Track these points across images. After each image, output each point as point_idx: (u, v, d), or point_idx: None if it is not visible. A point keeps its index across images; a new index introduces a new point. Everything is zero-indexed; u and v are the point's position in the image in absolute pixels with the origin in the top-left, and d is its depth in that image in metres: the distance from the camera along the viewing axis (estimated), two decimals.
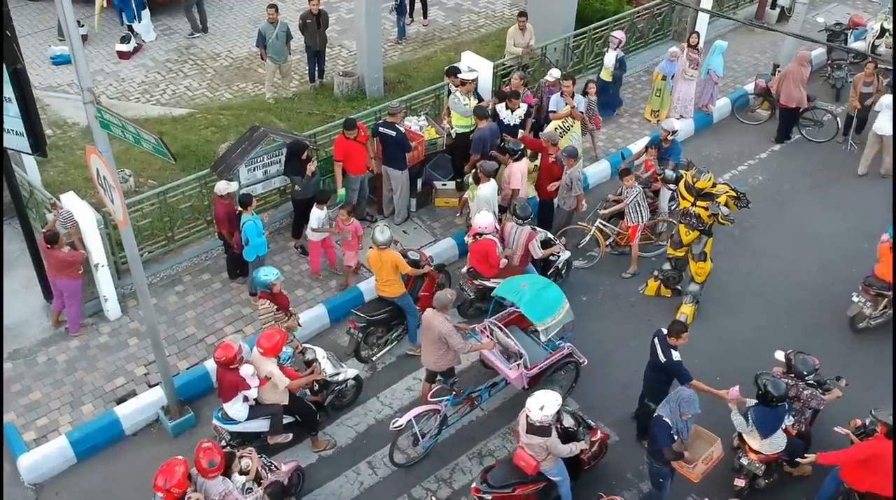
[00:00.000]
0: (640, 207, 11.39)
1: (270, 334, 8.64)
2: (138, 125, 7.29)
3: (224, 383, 8.61)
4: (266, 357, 8.60)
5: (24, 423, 9.37)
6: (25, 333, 10.41)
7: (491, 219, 10.38)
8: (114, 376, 9.96)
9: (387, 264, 9.87)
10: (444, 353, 9.05)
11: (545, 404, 7.79)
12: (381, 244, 9.79)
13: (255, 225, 10.21)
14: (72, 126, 14.02)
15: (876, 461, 7.85)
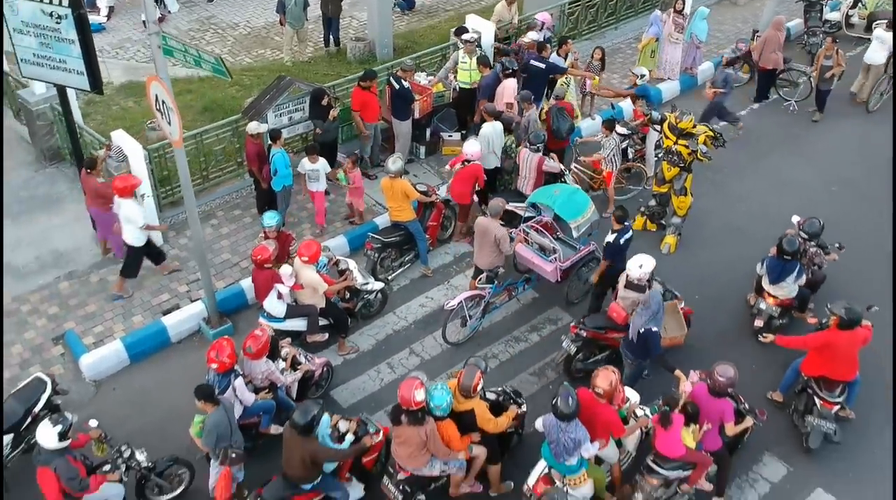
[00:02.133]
0: (615, 158, 12.63)
1: (309, 244, 9.95)
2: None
3: (260, 282, 9.89)
4: (307, 264, 9.87)
5: (83, 330, 10.58)
6: (77, 258, 11.62)
7: (478, 148, 11.66)
8: (159, 292, 11.17)
9: (398, 191, 11.09)
10: (497, 255, 10.47)
11: (643, 263, 9.47)
12: (393, 173, 11.03)
13: (283, 157, 11.43)
14: (107, 85, 15.14)
15: (828, 350, 9.04)
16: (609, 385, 8.03)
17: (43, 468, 7.69)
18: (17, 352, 10.30)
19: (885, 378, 10.14)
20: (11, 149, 13.47)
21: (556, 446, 7.86)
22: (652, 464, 8.22)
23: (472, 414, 8.25)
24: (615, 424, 8.16)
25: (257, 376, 8.89)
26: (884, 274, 11.63)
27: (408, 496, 8.26)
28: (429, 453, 8.03)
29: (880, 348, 10.22)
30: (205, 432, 8.07)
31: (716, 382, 8.16)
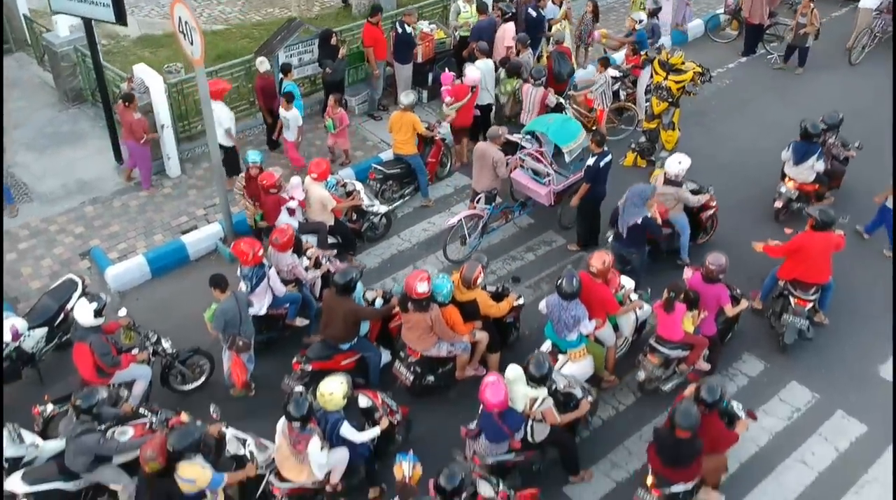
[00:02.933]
0: (605, 95, 13.35)
1: (319, 162, 10.69)
2: None
3: (268, 207, 10.56)
4: (316, 182, 10.60)
5: (107, 246, 11.33)
6: (101, 186, 12.38)
7: (478, 74, 12.48)
8: (178, 215, 11.92)
9: (406, 124, 11.80)
10: (494, 177, 11.21)
11: (682, 160, 10.63)
12: (406, 106, 11.74)
13: (294, 87, 12.18)
14: (124, 37, 15.99)
15: (801, 252, 9.79)
16: (602, 264, 8.90)
17: (79, 344, 8.42)
18: (48, 265, 11.04)
19: (852, 284, 10.88)
20: (35, 93, 14.29)
21: (558, 323, 8.74)
22: (654, 344, 9.04)
23: (474, 304, 9.07)
24: (609, 300, 8.96)
25: (283, 268, 9.68)
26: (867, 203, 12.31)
27: (418, 377, 9.07)
28: (435, 336, 8.82)
29: (849, 260, 10.96)
30: (215, 316, 8.83)
31: (708, 269, 8.95)
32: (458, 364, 9.24)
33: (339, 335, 8.90)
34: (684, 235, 10.96)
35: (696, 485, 8.03)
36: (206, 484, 7.13)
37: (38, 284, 10.65)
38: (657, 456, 7.79)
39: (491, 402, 7.54)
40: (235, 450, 7.95)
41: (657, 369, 9.13)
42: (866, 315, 10.64)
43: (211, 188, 12.30)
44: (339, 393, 7.62)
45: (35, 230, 11.55)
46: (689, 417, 7.41)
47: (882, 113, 14.00)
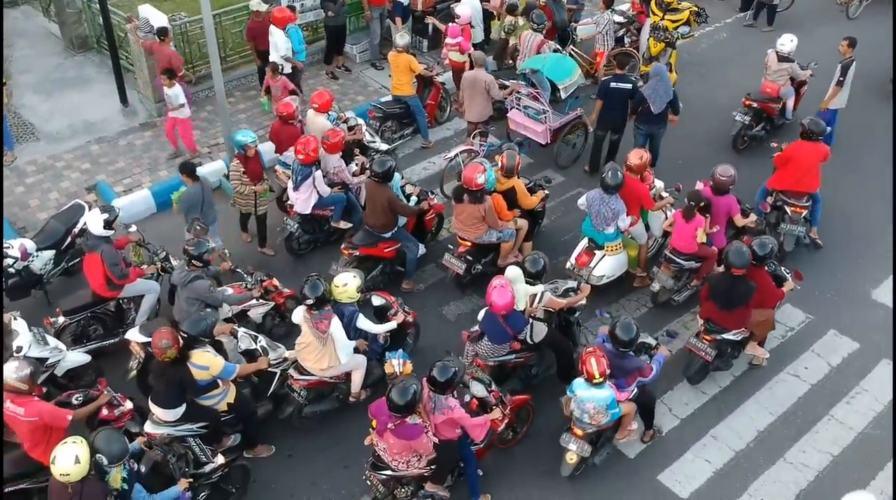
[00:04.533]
0: (607, 36, 13.50)
1: (321, 93, 10.92)
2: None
3: (281, 136, 10.69)
4: (318, 113, 10.80)
5: (113, 181, 11.53)
6: (106, 127, 12.59)
7: (470, 11, 12.88)
8: (182, 153, 12.10)
9: (402, 65, 11.98)
10: (486, 103, 11.52)
11: (793, 38, 11.83)
12: (400, 47, 11.91)
13: (297, 33, 12.37)
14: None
15: (793, 161, 10.19)
16: (639, 160, 9.58)
17: (90, 254, 8.63)
18: (55, 198, 11.25)
19: (842, 206, 11.28)
20: (42, 42, 14.51)
21: (597, 217, 9.35)
22: (669, 254, 9.42)
23: (513, 191, 9.80)
24: (645, 195, 9.57)
25: (330, 169, 10.12)
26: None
27: (469, 265, 9.71)
28: (485, 224, 9.47)
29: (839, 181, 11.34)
30: (181, 199, 9.54)
31: (717, 180, 9.29)
32: (501, 252, 9.84)
33: (380, 223, 9.53)
34: (790, 100, 12.33)
35: (744, 338, 8.66)
36: (218, 372, 7.37)
37: (44, 215, 10.82)
38: (711, 301, 8.44)
39: (498, 304, 7.77)
40: (247, 346, 8.17)
41: (670, 280, 9.51)
42: (857, 239, 10.90)
43: (215, 129, 12.49)
44: (353, 286, 7.89)
45: (42, 166, 11.76)
46: (742, 255, 8.10)
47: (881, 63, 14.19)
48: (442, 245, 10.57)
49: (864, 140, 12.84)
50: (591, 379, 7.28)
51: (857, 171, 12.16)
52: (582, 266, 9.64)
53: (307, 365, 8.00)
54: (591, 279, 9.55)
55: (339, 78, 13.72)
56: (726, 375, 9.13)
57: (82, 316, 8.92)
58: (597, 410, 7.37)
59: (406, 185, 10.37)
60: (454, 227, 9.85)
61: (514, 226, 9.77)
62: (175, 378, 7.26)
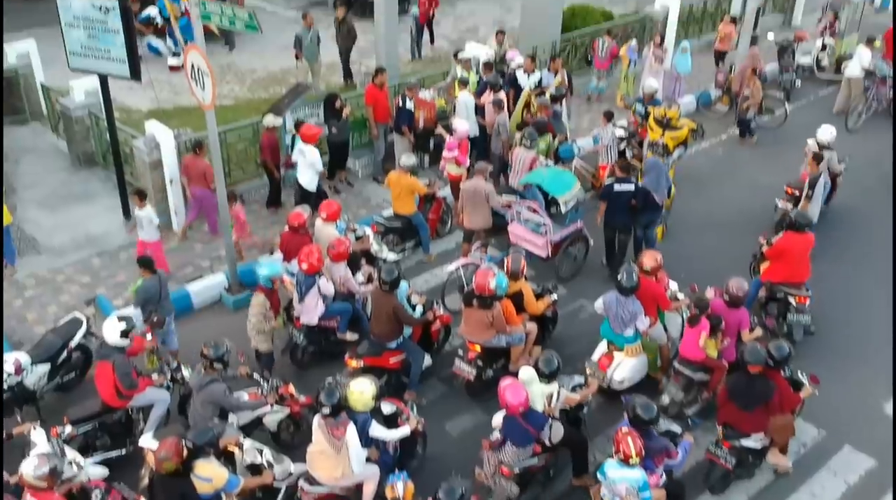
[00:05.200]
0: (610, 149, 13.76)
1: (329, 203, 11.05)
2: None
3: (292, 247, 10.65)
4: (326, 223, 10.88)
5: (113, 295, 11.47)
6: (109, 240, 12.65)
7: (467, 125, 13.26)
8: (184, 266, 12.12)
9: (404, 186, 12.11)
10: (487, 213, 11.71)
11: (832, 129, 12.79)
12: (406, 167, 12.07)
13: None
14: (135, 111, 16.56)
15: (786, 254, 10.61)
16: (654, 262, 9.77)
17: (102, 363, 8.64)
18: (53, 311, 11.16)
19: (849, 319, 11.25)
20: (49, 158, 14.79)
21: (615, 319, 9.44)
22: (678, 365, 9.34)
23: (520, 296, 9.91)
24: (661, 296, 9.74)
25: (336, 279, 10.09)
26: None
27: (480, 371, 9.67)
28: (494, 329, 9.52)
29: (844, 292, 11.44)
30: (138, 291, 9.79)
31: (732, 294, 9.35)
32: (512, 356, 9.85)
33: (385, 332, 9.53)
34: (825, 192, 12.78)
35: (764, 447, 8.60)
36: (222, 485, 7.21)
37: (42, 328, 10.69)
38: (730, 402, 8.44)
39: (513, 403, 7.80)
40: (252, 459, 7.99)
41: (679, 392, 9.40)
42: (865, 345, 10.84)
43: (217, 242, 12.52)
44: (369, 393, 7.90)
45: (42, 280, 11.73)
46: (758, 353, 8.23)
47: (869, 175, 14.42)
48: (446, 358, 10.42)
49: (873, 249, 12.94)
50: (626, 460, 7.28)
51: (864, 277, 12.18)
52: (602, 370, 9.70)
53: (319, 475, 7.81)
54: (612, 384, 9.61)
55: (341, 192, 13.88)
56: (741, 493, 8.82)
57: (90, 426, 8.76)
58: (629, 492, 7.28)
59: (412, 294, 10.33)
60: (462, 331, 9.86)
61: (523, 330, 9.81)
62: (176, 491, 7.07)
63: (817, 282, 11.06)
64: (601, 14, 19.78)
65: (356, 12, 21.88)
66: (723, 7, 21.07)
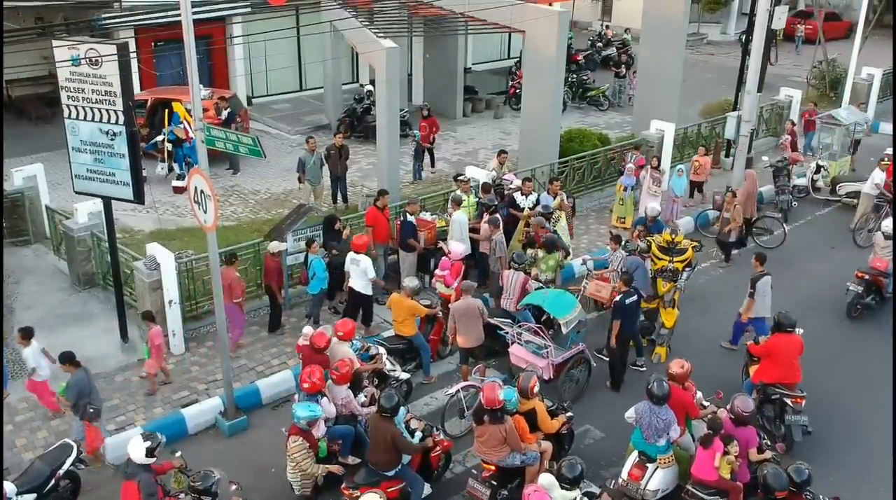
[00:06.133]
0: (620, 272, 13.74)
1: (345, 322, 11.06)
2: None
3: (312, 361, 10.39)
4: (342, 341, 10.86)
5: (106, 419, 11.16)
6: (104, 362, 12.45)
7: (463, 247, 13.36)
8: (179, 390, 11.89)
9: (405, 309, 12.05)
10: (480, 329, 11.70)
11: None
12: (409, 290, 12.05)
13: (320, 262, 12.83)
14: (137, 232, 16.70)
15: (775, 353, 11.00)
16: (681, 369, 9.92)
17: (128, 482, 8.53)
18: (43, 436, 10.89)
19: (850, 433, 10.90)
20: (50, 279, 14.79)
21: (648, 429, 9.44)
22: (692, 488, 9.14)
23: (533, 414, 9.77)
24: (690, 404, 9.81)
25: (338, 400, 9.91)
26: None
27: (494, 490, 9.44)
28: (508, 447, 9.34)
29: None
30: (68, 389, 10.09)
31: (737, 413, 9.42)
32: (527, 476, 9.55)
33: (383, 460, 9.28)
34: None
35: None
36: None
37: (30, 455, 10.40)
38: None
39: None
40: None
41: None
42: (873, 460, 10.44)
43: (214, 365, 12.34)
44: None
45: (34, 404, 11.47)
46: (781, 478, 8.26)
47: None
48: (447, 486, 10.08)
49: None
50: None
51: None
52: (635, 481, 9.59)
53: None
54: (647, 495, 9.56)
55: (341, 312, 13.75)
56: None
57: None
58: None
59: (411, 420, 10.05)
60: (476, 451, 9.69)
61: (537, 449, 9.64)
62: None
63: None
64: (598, 138, 20.28)
65: (359, 137, 22.51)
66: (716, 131, 21.59)
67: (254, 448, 10.87)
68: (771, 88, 24.62)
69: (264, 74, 26.02)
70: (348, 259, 13.07)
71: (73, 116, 11.47)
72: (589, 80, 27.52)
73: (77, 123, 11.52)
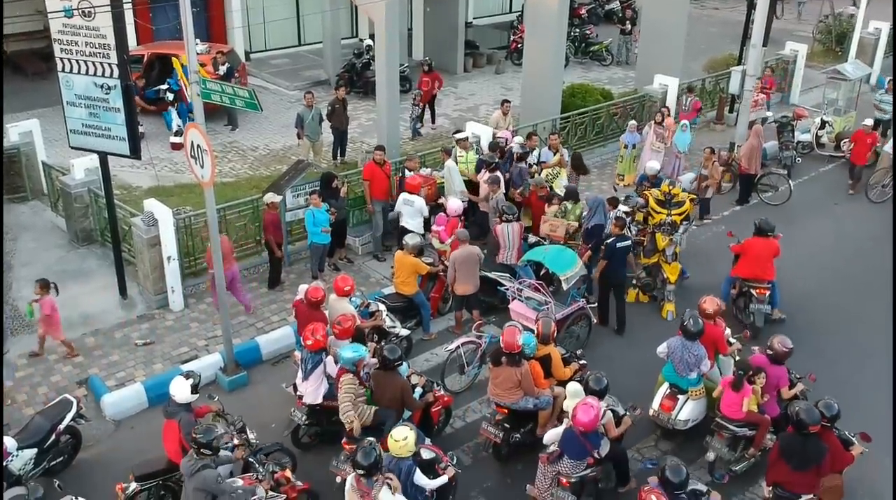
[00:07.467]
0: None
1: (345, 278, 10.96)
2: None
3: (304, 319, 10.43)
4: (340, 297, 10.76)
5: (106, 375, 11.19)
6: (103, 319, 12.40)
7: (460, 203, 13.36)
8: (179, 346, 11.86)
9: (408, 266, 11.95)
10: (476, 276, 11.94)
11: None
12: (410, 248, 11.93)
13: (310, 216, 12.74)
14: (136, 188, 16.56)
15: (749, 252, 12.36)
16: (716, 306, 10.36)
17: (169, 421, 8.68)
18: (43, 392, 10.87)
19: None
20: (47, 235, 14.65)
21: (680, 363, 9.88)
22: (721, 421, 9.55)
23: (548, 360, 9.97)
24: (720, 340, 10.27)
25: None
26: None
27: (507, 433, 9.70)
28: (521, 390, 9.53)
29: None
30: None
31: (777, 351, 9.66)
32: (540, 420, 9.83)
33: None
34: None
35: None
36: None
37: (31, 410, 10.38)
38: (783, 461, 8.51)
39: (583, 420, 8.42)
40: None
41: (724, 448, 9.56)
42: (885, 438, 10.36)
43: (213, 320, 12.30)
44: (412, 439, 8.12)
45: (33, 360, 11.45)
46: (813, 412, 8.36)
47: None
48: (447, 440, 10.15)
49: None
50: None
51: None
52: (667, 411, 10.05)
53: None
54: (678, 424, 10.02)
55: (341, 270, 13.69)
56: None
57: (154, 483, 8.71)
58: None
59: (412, 375, 10.04)
60: (490, 393, 9.85)
61: (550, 394, 9.81)
62: None
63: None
64: (600, 93, 20.02)
65: (358, 92, 22.23)
66: (720, 86, 21.31)
67: (253, 404, 10.83)
68: (776, 42, 24.26)
69: (262, 28, 25.60)
70: (401, 200, 13.60)
71: (67, 69, 11.29)
72: (592, 35, 27.09)
73: (71, 77, 11.34)
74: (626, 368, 11.38)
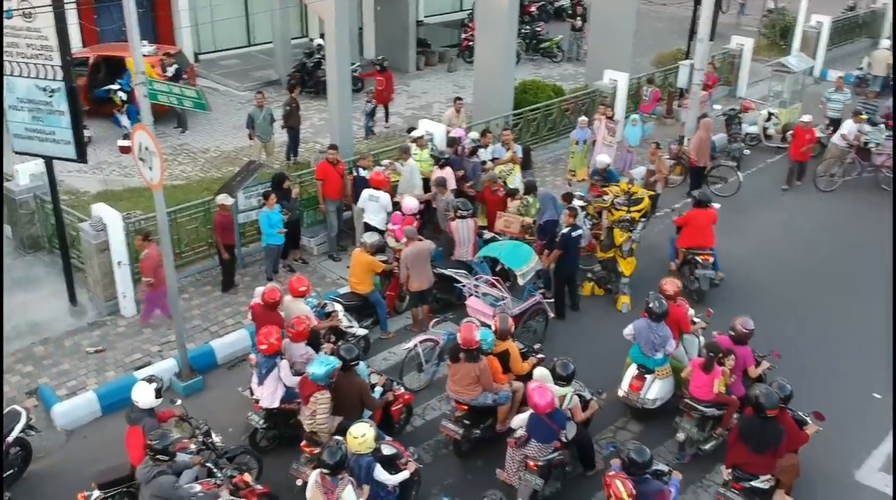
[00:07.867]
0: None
1: (300, 279, 10.82)
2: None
3: (261, 321, 10.33)
4: (296, 298, 10.67)
5: (56, 384, 10.95)
6: (53, 327, 12.14)
7: (416, 203, 13.24)
8: (132, 352, 11.66)
9: (364, 264, 11.88)
10: (429, 272, 11.93)
11: None
12: (368, 246, 11.86)
13: (266, 218, 12.65)
14: (84, 193, 16.21)
15: (691, 223, 13.32)
16: (676, 287, 10.76)
17: (133, 427, 8.51)
18: None
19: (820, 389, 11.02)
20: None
21: (646, 344, 10.19)
22: (690, 402, 9.77)
23: (506, 355, 10.07)
24: (683, 319, 10.61)
25: (296, 358, 9.70)
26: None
27: (467, 430, 9.73)
28: (480, 386, 9.58)
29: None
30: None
31: (738, 332, 9.91)
32: (499, 416, 9.91)
33: (346, 416, 9.10)
34: None
35: (771, 487, 8.84)
36: None
37: None
38: (742, 443, 8.70)
39: (541, 404, 8.58)
40: None
41: (694, 429, 9.76)
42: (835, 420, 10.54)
43: (167, 326, 12.10)
44: (371, 435, 8.08)
45: None
46: (772, 396, 8.53)
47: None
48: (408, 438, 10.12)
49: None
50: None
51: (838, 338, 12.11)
52: (636, 391, 10.36)
53: None
54: (647, 403, 10.33)
55: (296, 271, 13.56)
56: None
57: (118, 491, 8.53)
58: None
59: (371, 374, 10.02)
60: (449, 389, 9.89)
61: (509, 389, 9.89)
62: None
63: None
64: (552, 89, 20.12)
65: (310, 92, 22.05)
66: (669, 80, 21.57)
67: (210, 409, 10.65)
68: (723, 37, 24.68)
69: (211, 28, 25.24)
70: (366, 195, 13.39)
71: (9, 72, 11.00)
72: (542, 32, 27.22)
73: (13, 80, 11.05)
74: (584, 359, 11.36)
